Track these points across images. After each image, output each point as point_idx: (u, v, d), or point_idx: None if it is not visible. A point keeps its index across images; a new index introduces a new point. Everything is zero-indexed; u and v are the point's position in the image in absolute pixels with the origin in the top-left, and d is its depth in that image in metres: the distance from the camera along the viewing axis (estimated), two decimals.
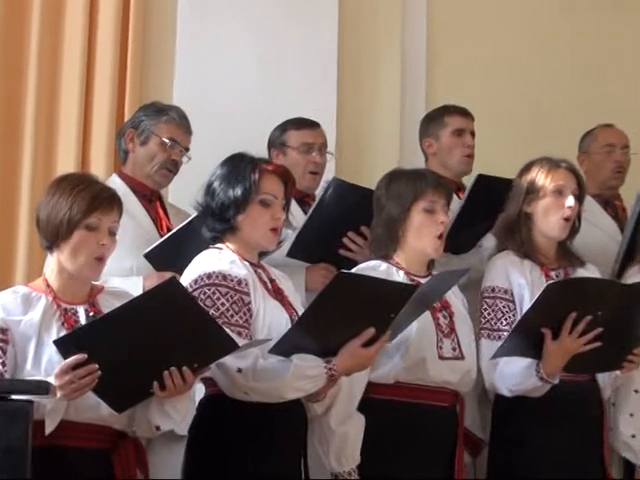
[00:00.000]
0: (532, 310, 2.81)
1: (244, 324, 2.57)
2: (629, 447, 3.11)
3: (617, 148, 3.94)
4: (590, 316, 2.78)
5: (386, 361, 2.83)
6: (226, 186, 2.69)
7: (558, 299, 2.79)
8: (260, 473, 2.59)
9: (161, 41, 4.01)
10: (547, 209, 3.08)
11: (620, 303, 2.82)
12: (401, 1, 4.29)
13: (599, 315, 2.79)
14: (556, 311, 2.80)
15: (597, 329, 2.79)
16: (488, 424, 3.19)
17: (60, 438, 2.33)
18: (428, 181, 2.96)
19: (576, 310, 2.78)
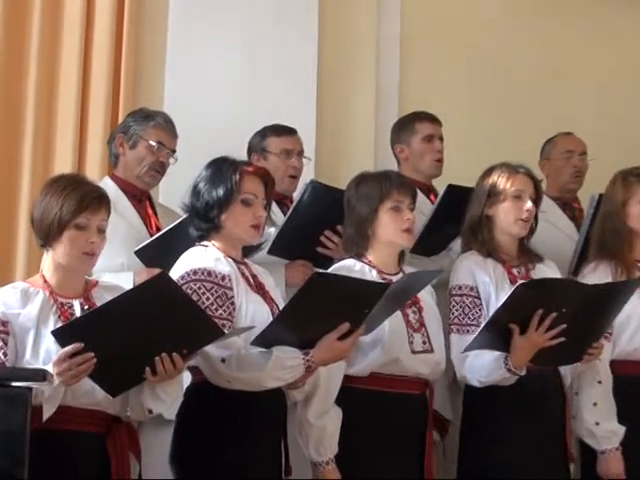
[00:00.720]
0: (502, 308, 2.83)
1: (228, 317, 2.58)
2: (592, 434, 3.09)
3: (575, 154, 3.97)
4: (555, 313, 2.80)
5: (361, 359, 2.84)
6: (210, 187, 2.70)
7: (526, 298, 2.81)
8: (242, 455, 2.60)
9: (152, 53, 4.01)
10: (507, 212, 3.08)
11: (582, 302, 2.84)
12: (376, 17, 4.29)
13: (563, 312, 2.81)
14: (524, 308, 2.81)
15: (561, 325, 2.81)
16: (455, 406, 3.22)
17: (57, 422, 2.33)
18: (393, 182, 2.96)
19: (542, 308, 2.80)
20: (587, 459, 3.14)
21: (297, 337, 2.58)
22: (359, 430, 2.82)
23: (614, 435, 3.08)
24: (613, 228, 3.24)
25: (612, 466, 3.07)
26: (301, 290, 2.54)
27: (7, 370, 2.34)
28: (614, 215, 3.24)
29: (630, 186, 3.24)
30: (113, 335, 2.33)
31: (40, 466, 2.18)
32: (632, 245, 3.23)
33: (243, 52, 4.06)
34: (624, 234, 3.23)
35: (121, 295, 2.39)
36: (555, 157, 3.98)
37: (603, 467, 3.08)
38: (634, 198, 3.22)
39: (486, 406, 3.01)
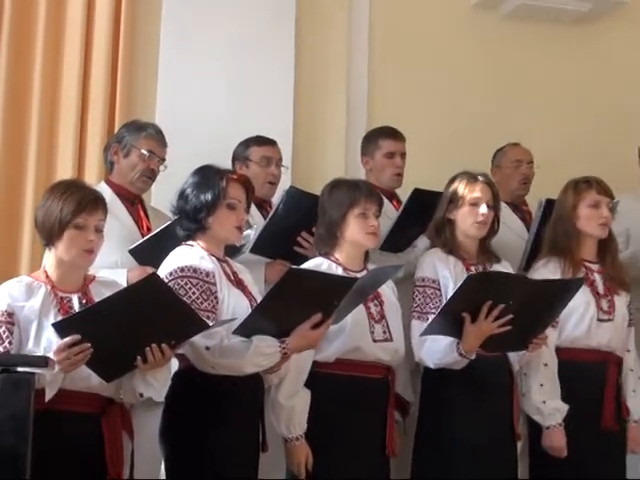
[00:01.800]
0: (455, 297, 2.84)
1: (212, 309, 2.60)
2: (539, 411, 3.10)
3: (523, 163, 4.00)
4: (503, 304, 2.82)
5: (327, 346, 2.84)
6: (198, 192, 2.71)
7: (477, 289, 2.83)
8: (224, 434, 2.62)
9: (145, 71, 4.01)
10: (465, 216, 3.10)
11: (528, 295, 2.86)
12: (346, 40, 4.30)
13: (510, 304, 2.83)
14: (475, 299, 2.83)
15: (508, 315, 2.83)
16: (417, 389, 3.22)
17: (58, 404, 2.34)
18: (362, 191, 2.97)
19: (491, 299, 2.82)
20: (534, 434, 3.15)
21: (274, 327, 2.60)
22: (327, 410, 2.83)
23: (558, 412, 3.10)
24: (564, 229, 3.26)
25: (555, 440, 3.09)
26: (277, 284, 2.56)
27: (13, 357, 2.35)
28: (565, 218, 3.26)
29: (580, 192, 3.26)
30: (108, 328, 2.34)
31: (42, 443, 2.19)
32: (580, 245, 3.25)
33: (227, 71, 4.06)
34: (573, 235, 3.24)
35: (115, 293, 2.41)
36: (505, 165, 4.00)
37: (547, 441, 3.10)
38: (583, 202, 3.24)
39: (441, 386, 3.03)
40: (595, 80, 4.62)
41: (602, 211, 3.23)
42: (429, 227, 3.25)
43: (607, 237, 3.28)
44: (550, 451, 3.10)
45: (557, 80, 4.59)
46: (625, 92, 4.61)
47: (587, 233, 3.25)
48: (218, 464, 2.61)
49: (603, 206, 3.23)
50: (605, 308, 3.20)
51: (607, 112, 4.55)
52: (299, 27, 4.18)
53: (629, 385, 3.25)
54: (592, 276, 3.23)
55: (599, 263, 3.28)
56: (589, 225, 3.24)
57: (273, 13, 4.14)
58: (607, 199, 3.25)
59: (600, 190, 3.26)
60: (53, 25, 3.86)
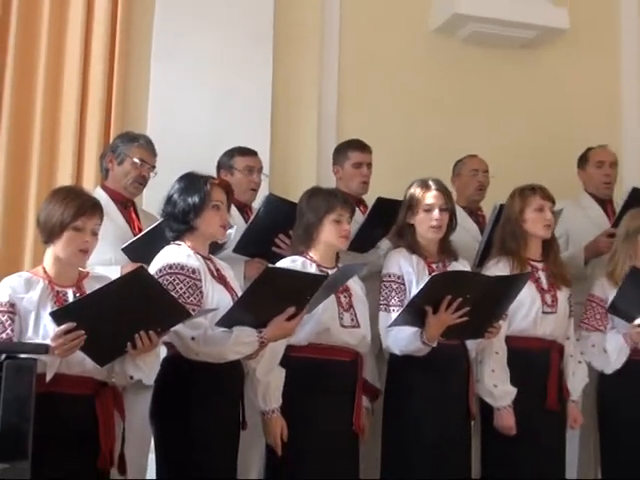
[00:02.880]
0: (419, 293, 2.87)
1: (197, 303, 2.60)
2: (491, 394, 3.11)
3: (480, 172, 4.02)
4: (461, 298, 2.84)
5: (300, 330, 2.81)
6: (185, 196, 2.70)
7: (438, 286, 2.85)
8: (208, 413, 2.61)
9: (138, 88, 4.00)
10: (421, 221, 3.12)
11: (483, 290, 2.89)
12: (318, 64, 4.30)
13: (468, 298, 2.85)
14: (437, 294, 2.85)
15: (465, 308, 2.86)
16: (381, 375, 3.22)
17: (56, 386, 2.35)
18: (338, 199, 2.98)
19: (451, 293, 2.85)
20: (486, 415, 3.16)
21: (252, 319, 2.60)
22: (300, 388, 2.82)
23: (507, 395, 3.11)
24: (512, 232, 3.27)
25: (505, 420, 3.10)
26: (255, 281, 2.56)
27: (16, 345, 2.35)
28: (513, 221, 3.28)
29: (525, 198, 3.27)
30: (100, 316, 2.34)
31: (42, 422, 2.17)
32: (526, 246, 3.26)
33: (212, 89, 4.06)
34: (520, 237, 3.26)
35: (106, 285, 2.40)
36: (463, 174, 4.03)
37: (498, 421, 3.11)
38: (529, 207, 3.25)
39: (406, 371, 3.04)
40: (540, 98, 4.65)
41: (546, 214, 3.25)
42: (392, 230, 3.25)
43: (550, 238, 3.30)
44: (500, 430, 3.11)
45: (507, 98, 4.62)
46: (566, 109, 4.65)
47: (533, 234, 3.27)
48: (203, 440, 2.60)
49: (547, 210, 3.25)
50: (549, 302, 3.22)
51: (551, 127, 4.58)
52: (276, 51, 4.19)
53: (569, 369, 3.28)
54: (537, 273, 3.24)
55: (543, 262, 3.29)
56: (535, 227, 3.25)
57: (253, 38, 4.14)
58: (550, 203, 3.28)
59: (544, 196, 3.28)
60: (54, 47, 3.85)
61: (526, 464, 3.12)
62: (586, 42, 4.73)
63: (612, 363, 3.28)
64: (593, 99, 4.72)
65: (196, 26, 4.08)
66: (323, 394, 2.85)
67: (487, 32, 4.53)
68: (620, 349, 3.25)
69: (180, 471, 2.61)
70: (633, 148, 4.71)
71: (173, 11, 4.08)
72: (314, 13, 4.35)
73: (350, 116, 4.35)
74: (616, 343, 3.26)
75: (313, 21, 4.34)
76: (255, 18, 4.16)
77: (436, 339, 2.91)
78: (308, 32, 4.32)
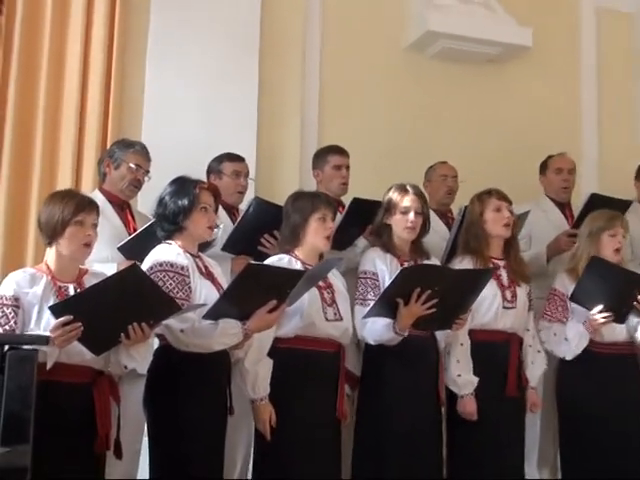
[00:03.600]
0: (390, 286, 2.88)
1: (186, 297, 2.60)
2: (455, 382, 3.12)
3: (449, 177, 4.04)
4: (429, 291, 2.86)
5: (287, 323, 2.85)
6: (176, 199, 2.71)
7: (408, 279, 2.87)
8: (198, 399, 2.62)
9: (133, 98, 4.00)
10: (397, 222, 3.13)
11: (450, 283, 2.90)
12: (301, 74, 4.32)
13: (436, 290, 2.86)
14: (407, 287, 2.86)
15: (434, 300, 2.87)
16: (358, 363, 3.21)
17: (56, 375, 2.35)
18: (322, 200, 2.99)
19: (420, 286, 2.86)
20: (451, 402, 3.18)
21: (237, 311, 2.61)
22: (287, 377, 2.82)
23: (470, 384, 3.12)
24: (475, 233, 3.29)
25: (468, 406, 3.12)
26: (238, 276, 2.58)
27: (18, 336, 2.35)
28: (475, 223, 3.29)
29: (483, 201, 3.29)
30: (96, 310, 2.34)
31: (42, 408, 2.17)
32: (488, 245, 3.27)
33: (202, 99, 4.05)
34: (482, 237, 3.27)
35: (102, 280, 2.41)
36: (434, 179, 4.04)
37: (461, 407, 3.13)
38: (487, 209, 3.27)
39: (379, 360, 3.05)
40: (505, 110, 4.67)
41: (504, 213, 3.26)
42: (369, 229, 3.26)
43: (510, 238, 3.31)
44: (463, 415, 3.13)
45: (475, 110, 4.63)
46: (529, 120, 4.66)
47: (494, 234, 3.28)
48: (192, 425, 2.61)
49: (504, 209, 3.27)
50: (509, 298, 3.23)
51: (515, 136, 4.60)
52: (261, 63, 4.19)
53: (528, 358, 3.30)
54: (499, 271, 3.25)
55: (504, 259, 3.30)
56: (494, 227, 3.27)
57: (240, 50, 4.14)
58: (506, 203, 3.29)
59: (499, 197, 3.29)
60: (55, 59, 3.84)
61: (487, 447, 3.13)
62: (548, 59, 4.75)
63: (573, 349, 3.29)
64: (554, 111, 4.74)
65: (187, 41, 4.07)
66: (309, 382, 2.86)
67: (456, 48, 4.54)
68: (580, 336, 3.26)
69: (172, 454, 2.61)
70: (590, 156, 4.76)
71: (165, 28, 4.07)
72: (297, 28, 4.35)
73: (330, 125, 4.35)
74: (576, 331, 3.27)
75: (296, 35, 4.34)
76: (242, 32, 4.16)
77: (407, 329, 2.92)
78: (291, 46, 4.32)
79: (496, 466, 3.14)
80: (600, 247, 3.35)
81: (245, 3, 4.19)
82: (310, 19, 4.41)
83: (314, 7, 4.43)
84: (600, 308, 3.20)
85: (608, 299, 3.19)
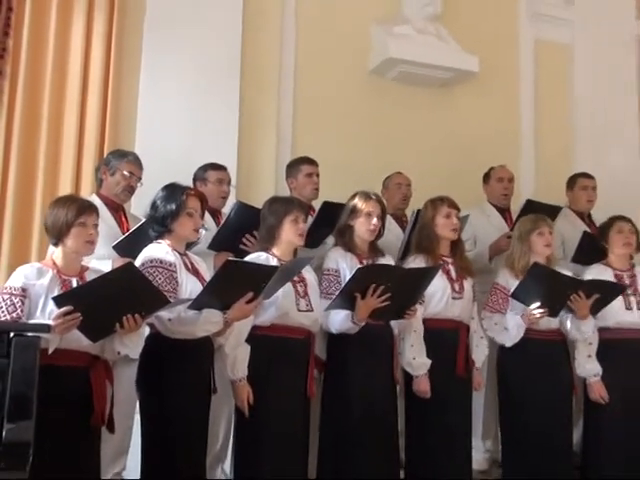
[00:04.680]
0: (349, 282, 2.89)
1: (173, 291, 2.60)
2: (410, 364, 3.13)
3: (403, 185, 4.05)
4: (383, 286, 2.87)
5: (264, 313, 2.84)
6: (165, 203, 2.70)
7: (365, 276, 2.88)
8: (184, 380, 2.61)
9: (128, 112, 3.96)
10: (361, 224, 3.13)
11: (401, 279, 2.93)
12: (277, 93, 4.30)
13: (389, 286, 2.88)
14: (363, 283, 2.87)
15: (387, 294, 2.88)
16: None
17: (57, 360, 2.33)
18: (294, 204, 3.00)
19: (375, 282, 2.87)
20: (407, 382, 3.19)
21: (218, 302, 2.60)
22: (264, 360, 2.82)
23: (424, 366, 3.14)
24: (426, 234, 3.30)
25: (422, 386, 3.13)
26: (218, 271, 2.57)
27: (23, 324, 2.33)
28: (427, 226, 3.30)
29: (436, 207, 3.30)
30: (94, 301, 2.33)
31: (44, 389, 2.16)
32: (438, 245, 3.28)
33: (189, 114, 4.03)
34: (433, 238, 3.28)
35: (100, 276, 2.40)
36: (390, 187, 4.05)
37: (416, 386, 3.14)
38: (439, 214, 3.28)
39: (341, 346, 3.05)
40: (454, 127, 4.67)
41: (452, 220, 3.28)
42: (335, 229, 3.25)
43: (457, 239, 3.33)
44: (418, 394, 3.14)
45: (427, 126, 4.63)
46: (475, 136, 4.67)
47: (443, 236, 3.30)
48: (180, 403, 2.60)
49: (453, 216, 3.29)
50: (457, 290, 3.25)
51: (462, 150, 4.61)
52: (242, 83, 4.16)
53: (473, 343, 3.31)
54: (447, 267, 3.27)
55: (452, 257, 3.32)
56: (444, 230, 3.28)
57: (223, 72, 4.12)
58: (455, 211, 3.31)
59: (450, 205, 3.31)
60: (57, 78, 3.81)
61: (440, 421, 3.15)
62: (492, 83, 4.77)
63: (512, 338, 3.30)
64: (496, 128, 4.76)
65: (177, 62, 4.04)
66: (282, 365, 2.86)
67: (413, 73, 4.55)
68: (518, 326, 3.27)
69: (161, 429, 2.60)
70: (527, 168, 4.78)
71: (157, 51, 4.03)
72: (274, 53, 4.33)
73: (303, 138, 4.34)
74: (515, 322, 3.28)
75: (273, 59, 4.32)
76: (226, 56, 4.14)
77: (364, 320, 2.92)
78: (269, 69, 4.30)
79: (447, 437, 3.16)
80: (531, 245, 3.37)
81: (229, 30, 4.17)
82: (286, 45, 4.40)
83: (289, 35, 4.42)
84: (538, 305, 3.22)
85: (545, 297, 3.21)
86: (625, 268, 3.55)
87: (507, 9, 4.96)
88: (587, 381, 3.38)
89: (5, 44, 3.72)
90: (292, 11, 4.45)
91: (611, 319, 3.40)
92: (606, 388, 3.34)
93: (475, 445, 3.53)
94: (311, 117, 4.38)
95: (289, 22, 4.42)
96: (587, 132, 4.91)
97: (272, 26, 4.34)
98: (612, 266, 3.54)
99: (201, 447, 2.70)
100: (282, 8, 4.40)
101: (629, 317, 3.41)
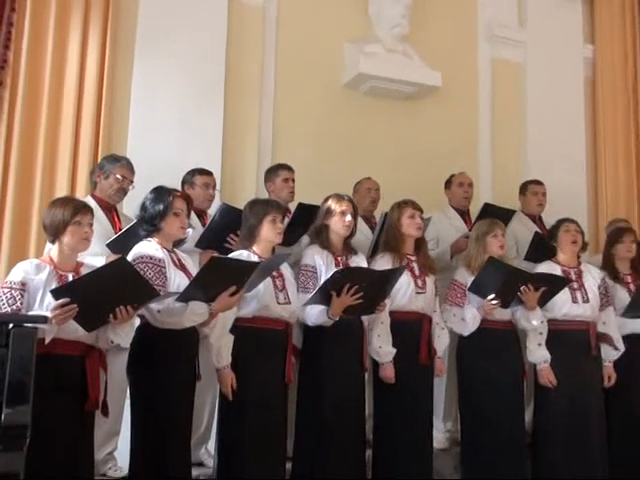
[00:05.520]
0: (326, 282, 2.90)
1: (162, 285, 2.58)
2: (377, 353, 3.14)
3: (372, 189, 4.02)
4: (357, 285, 2.88)
5: (246, 306, 2.84)
6: (154, 204, 2.68)
7: (341, 277, 2.89)
8: (171, 366, 2.60)
9: (121, 119, 3.92)
10: (336, 222, 3.13)
11: (373, 279, 2.95)
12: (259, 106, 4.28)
13: (362, 285, 2.89)
14: (340, 282, 2.88)
15: (360, 293, 2.90)
16: None
17: (53, 348, 2.31)
18: (273, 206, 2.98)
19: (349, 282, 2.88)
20: (375, 369, 3.21)
21: (204, 295, 2.60)
22: (246, 349, 2.82)
23: (390, 354, 3.15)
24: (393, 234, 3.31)
25: (388, 372, 3.15)
26: (204, 266, 2.57)
27: (21, 316, 2.30)
28: (393, 226, 3.31)
29: (401, 209, 3.31)
30: (89, 294, 2.31)
31: (41, 376, 2.13)
32: (404, 244, 3.30)
33: (178, 123, 3.99)
34: (399, 238, 3.29)
35: (95, 270, 2.38)
36: (360, 191, 4.02)
37: (382, 373, 3.16)
38: (404, 215, 3.30)
39: (316, 337, 3.06)
40: (419, 137, 4.68)
41: (416, 220, 3.29)
42: (311, 229, 3.25)
43: (420, 238, 3.35)
44: (384, 380, 3.16)
45: (395, 136, 4.63)
46: (438, 145, 4.68)
47: (408, 235, 3.31)
48: (167, 389, 2.59)
49: (416, 217, 3.30)
50: (420, 285, 3.27)
51: (426, 158, 4.61)
52: (226, 97, 4.14)
53: (435, 334, 3.33)
54: (412, 264, 3.29)
55: (416, 255, 3.33)
56: (409, 230, 3.30)
57: (210, 84, 4.10)
58: (419, 212, 3.32)
59: (414, 207, 3.32)
60: (55, 87, 3.74)
61: (404, 404, 3.17)
62: (453, 97, 4.79)
63: (469, 328, 3.32)
64: (457, 138, 4.77)
65: (167, 77, 4.01)
66: (263, 354, 2.86)
67: (382, 87, 4.55)
68: (474, 318, 3.30)
69: (150, 412, 2.59)
70: (485, 175, 4.79)
71: (148, 66, 3.99)
72: (256, 68, 4.30)
73: (281, 147, 4.32)
74: (471, 314, 3.30)
75: (255, 75, 4.29)
76: (211, 71, 4.11)
77: (338, 315, 2.94)
78: (251, 83, 4.27)
79: (410, 418, 3.18)
80: (486, 246, 3.40)
81: (215, 46, 4.13)
82: (267, 61, 4.37)
83: (270, 51, 4.40)
84: (492, 297, 3.24)
85: (498, 290, 3.24)
86: (572, 265, 3.59)
87: (467, 31, 4.99)
88: (537, 367, 3.42)
89: (6, 56, 3.66)
90: (273, 29, 4.43)
91: (559, 311, 3.45)
92: (554, 373, 3.39)
93: (436, 425, 3.56)
94: (289, 127, 4.37)
95: (270, 39, 4.41)
96: (538, 143, 4.94)
97: (254, 43, 4.31)
98: (560, 263, 3.58)
99: (186, 429, 2.69)
100: (263, 27, 4.38)
101: (576, 310, 3.46)
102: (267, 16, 4.40)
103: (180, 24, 4.07)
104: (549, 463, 3.37)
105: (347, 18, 4.62)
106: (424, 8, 4.75)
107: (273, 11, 4.44)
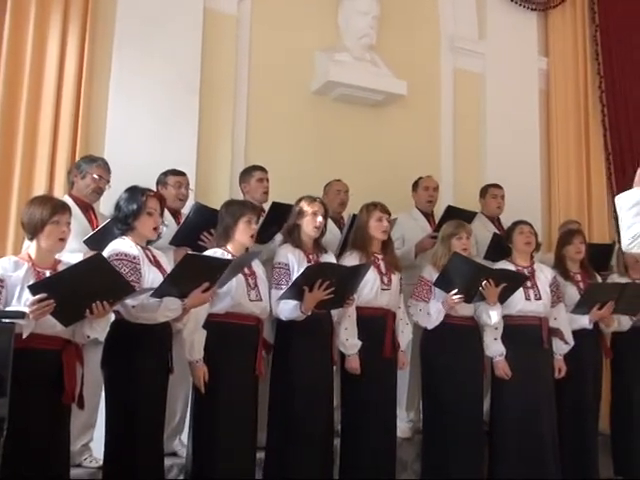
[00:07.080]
0: (299, 278, 2.92)
1: (137, 281, 2.57)
2: (344, 345, 3.16)
3: (342, 192, 4.03)
4: (328, 281, 2.89)
5: (219, 303, 2.83)
6: (127, 204, 2.66)
7: (313, 273, 2.90)
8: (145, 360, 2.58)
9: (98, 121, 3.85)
10: (308, 223, 3.13)
11: (342, 275, 2.97)
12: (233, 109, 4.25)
13: (333, 281, 2.91)
14: (312, 278, 2.89)
15: (331, 288, 2.91)
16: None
17: (31, 343, 2.27)
18: (248, 207, 2.99)
19: (320, 278, 2.89)
20: (342, 360, 3.22)
21: (177, 291, 2.58)
22: (219, 343, 2.81)
23: (355, 347, 3.17)
24: (361, 235, 3.33)
25: (353, 363, 3.17)
26: (178, 263, 2.56)
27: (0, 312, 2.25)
28: (362, 227, 3.34)
29: (370, 211, 3.34)
30: (66, 289, 2.28)
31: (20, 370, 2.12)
32: (371, 244, 3.32)
33: (154, 127, 3.93)
34: (367, 238, 3.32)
35: (72, 265, 2.34)
36: (330, 193, 4.02)
37: (348, 364, 3.18)
38: (372, 218, 3.32)
39: (288, 331, 3.06)
40: (386, 142, 4.70)
41: (383, 223, 3.32)
42: (284, 228, 3.25)
43: (387, 239, 3.38)
44: (350, 371, 3.18)
45: (363, 141, 4.64)
46: (404, 150, 4.70)
47: (375, 237, 3.34)
48: (140, 381, 2.57)
49: (384, 220, 3.33)
50: (385, 282, 3.29)
51: (393, 162, 4.63)
52: (201, 100, 4.09)
53: (399, 328, 3.36)
54: (378, 262, 3.31)
55: (382, 254, 3.36)
56: (376, 232, 3.33)
57: (185, 88, 4.05)
58: (386, 215, 3.35)
59: (382, 210, 3.34)
60: (34, 89, 3.65)
61: (369, 394, 3.19)
62: (417, 105, 4.82)
63: (433, 321, 3.35)
64: (422, 144, 4.81)
65: (143, 80, 3.95)
66: (235, 348, 2.85)
67: (350, 94, 4.56)
68: (439, 312, 3.33)
69: (124, 405, 2.57)
70: (447, 179, 4.82)
71: (125, 68, 3.94)
72: (230, 74, 4.26)
73: (254, 149, 4.29)
74: (436, 308, 3.34)
75: (229, 80, 4.26)
76: (187, 77, 4.05)
77: (310, 309, 2.95)
78: (225, 88, 4.24)
79: (375, 408, 3.20)
80: (451, 247, 3.45)
81: (189, 52, 4.09)
82: (240, 68, 4.34)
83: (243, 58, 4.37)
84: (455, 291, 3.28)
85: (462, 285, 3.28)
86: (526, 264, 3.65)
87: (431, 42, 5.03)
88: (493, 360, 3.48)
89: None
90: (247, 37, 4.41)
91: (514, 308, 3.51)
92: (509, 366, 3.44)
93: (400, 415, 3.58)
94: (262, 130, 4.35)
95: (244, 47, 4.38)
96: (496, 149, 5.01)
97: (228, 49, 4.28)
98: (515, 262, 3.65)
99: (159, 420, 2.67)
100: (237, 35, 4.35)
101: (529, 306, 3.52)
102: (241, 24, 4.37)
103: (157, 30, 4.02)
104: (504, 449, 3.42)
105: (318, 28, 4.63)
106: (391, 20, 4.79)
107: (247, 20, 4.42)
